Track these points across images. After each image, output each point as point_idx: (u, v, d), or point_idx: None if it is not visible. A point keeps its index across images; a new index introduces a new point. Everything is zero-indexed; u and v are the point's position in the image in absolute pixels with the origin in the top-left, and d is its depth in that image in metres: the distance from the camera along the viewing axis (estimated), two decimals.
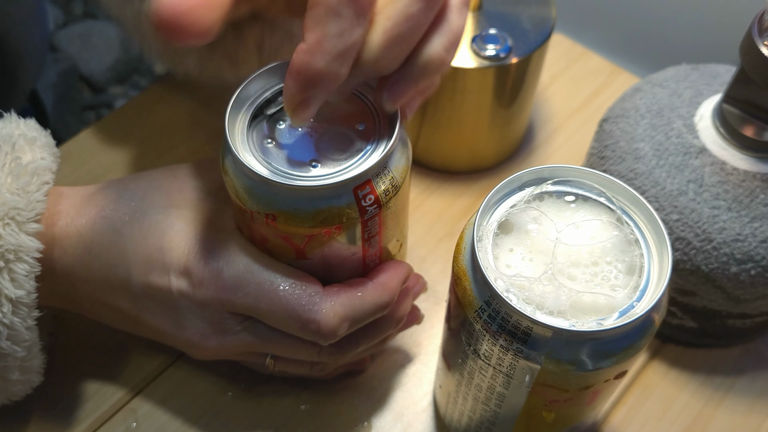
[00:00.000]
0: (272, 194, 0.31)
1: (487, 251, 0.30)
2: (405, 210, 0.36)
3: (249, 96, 0.33)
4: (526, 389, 0.31)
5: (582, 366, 0.28)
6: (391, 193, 0.32)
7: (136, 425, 0.42)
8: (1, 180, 0.34)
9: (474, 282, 0.30)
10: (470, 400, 0.35)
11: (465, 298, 0.30)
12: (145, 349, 0.45)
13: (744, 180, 0.40)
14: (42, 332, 0.36)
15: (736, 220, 0.39)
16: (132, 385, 0.43)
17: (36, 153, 0.35)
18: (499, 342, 0.29)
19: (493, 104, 0.48)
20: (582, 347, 0.28)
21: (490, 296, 0.29)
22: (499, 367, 0.30)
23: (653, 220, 0.30)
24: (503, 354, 0.29)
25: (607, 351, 0.28)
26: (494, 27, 0.46)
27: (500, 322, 0.29)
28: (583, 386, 0.30)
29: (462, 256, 0.31)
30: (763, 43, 0.36)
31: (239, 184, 0.32)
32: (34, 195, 0.34)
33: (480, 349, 0.30)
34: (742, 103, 0.39)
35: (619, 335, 0.28)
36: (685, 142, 0.41)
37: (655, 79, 0.47)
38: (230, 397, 0.43)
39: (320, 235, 0.32)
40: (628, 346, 0.29)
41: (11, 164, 0.34)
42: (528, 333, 0.28)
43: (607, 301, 0.29)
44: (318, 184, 0.30)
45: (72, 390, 0.43)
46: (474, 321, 0.30)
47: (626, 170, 0.42)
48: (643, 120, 0.43)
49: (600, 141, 0.45)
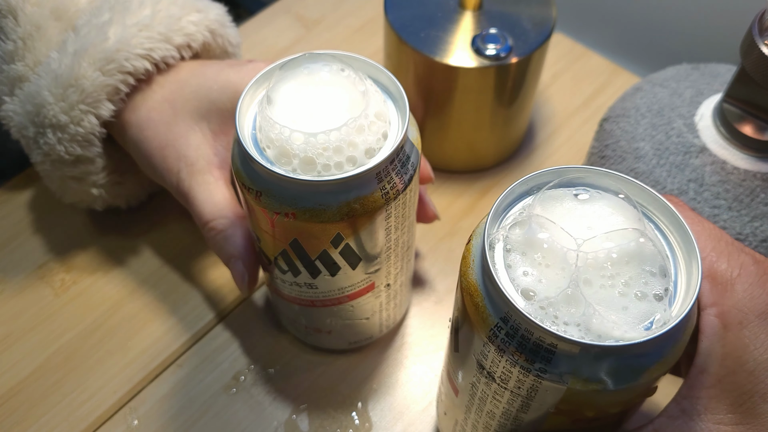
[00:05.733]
0: (295, 192, 0.31)
1: (500, 262, 0.27)
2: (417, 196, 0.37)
3: (255, 98, 0.34)
4: (548, 412, 0.28)
5: (612, 383, 0.25)
6: (412, 174, 0.32)
7: (137, 423, 0.42)
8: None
9: (487, 297, 0.27)
10: (481, 428, 0.32)
11: (477, 316, 0.27)
12: (145, 348, 0.45)
13: (744, 179, 0.39)
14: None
15: (737, 219, 0.39)
16: (132, 385, 0.43)
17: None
18: (518, 363, 0.26)
19: (494, 104, 0.48)
20: (612, 363, 0.25)
21: (508, 312, 0.26)
22: (517, 390, 0.27)
23: (676, 221, 0.28)
24: (524, 376, 0.26)
25: (638, 366, 0.25)
26: (495, 26, 0.46)
27: (520, 340, 0.25)
28: (611, 405, 0.27)
29: (471, 269, 0.28)
30: (763, 43, 0.36)
31: (258, 185, 0.31)
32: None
33: (495, 372, 0.27)
34: (742, 103, 0.39)
35: (651, 348, 0.25)
36: (686, 141, 0.41)
37: (655, 78, 0.47)
38: (230, 396, 0.43)
39: (345, 228, 0.32)
40: (660, 359, 0.26)
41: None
42: (552, 351, 0.25)
43: (634, 310, 0.26)
44: (347, 175, 0.30)
45: (72, 389, 0.43)
46: (489, 341, 0.26)
47: (627, 170, 0.42)
48: (643, 119, 0.43)
49: (600, 140, 0.45)
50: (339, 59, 0.33)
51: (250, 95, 0.33)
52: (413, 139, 0.33)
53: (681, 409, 0.28)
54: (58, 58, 0.40)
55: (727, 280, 0.28)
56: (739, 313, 0.27)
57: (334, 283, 0.36)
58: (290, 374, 0.44)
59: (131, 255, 0.49)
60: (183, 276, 0.48)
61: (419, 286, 0.48)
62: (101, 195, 0.46)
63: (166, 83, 0.42)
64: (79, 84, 0.40)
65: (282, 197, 0.31)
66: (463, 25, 0.47)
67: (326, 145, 0.30)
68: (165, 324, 0.46)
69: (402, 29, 0.47)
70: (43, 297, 0.47)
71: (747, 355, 0.26)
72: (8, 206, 0.51)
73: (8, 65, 0.42)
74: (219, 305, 0.47)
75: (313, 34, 0.63)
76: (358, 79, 0.33)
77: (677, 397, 0.28)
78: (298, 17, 0.64)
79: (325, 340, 0.43)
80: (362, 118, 0.31)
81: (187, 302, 0.47)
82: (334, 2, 0.66)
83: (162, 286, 0.47)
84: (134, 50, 0.40)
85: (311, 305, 0.39)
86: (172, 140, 0.40)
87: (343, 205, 0.31)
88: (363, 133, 0.31)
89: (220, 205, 0.39)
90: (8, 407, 0.42)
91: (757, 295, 0.27)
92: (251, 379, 0.44)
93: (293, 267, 0.35)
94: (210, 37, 0.44)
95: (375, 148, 0.31)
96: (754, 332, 0.27)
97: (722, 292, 0.28)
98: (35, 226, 0.50)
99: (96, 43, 0.40)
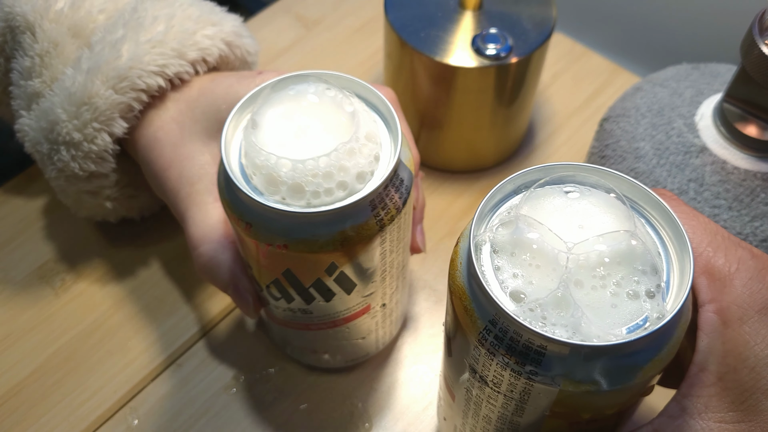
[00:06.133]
0: (286, 223, 0.30)
1: (487, 263, 0.27)
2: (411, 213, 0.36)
3: (241, 122, 0.33)
4: (543, 415, 0.27)
5: (606, 384, 0.25)
6: (405, 197, 0.31)
7: (137, 423, 0.42)
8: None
9: (474, 300, 0.26)
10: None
11: (466, 319, 0.27)
12: (145, 348, 0.45)
13: (744, 179, 0.39)
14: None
15: (737, 219, 0.39)
16: (132, 384, 0.43)
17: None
18: (509, 366, 0.25)
19: (494, 104, 0.48)
20: (604, 363, 0.25)
21: (496, 314, 0.25)
22: (510, 393, 0.27)
23: (668, 217, 0.27)
24: (515, 379, 0.26)
25: (631, 365, 0.25)
26: (495, 26, 0.46)
27: (509, 343, 0.25)
28: (607, 406, 0.27)
29: (458, 272, 0.27)
30: (763, 42, 0.36)
31: (246, 217, 0.30)
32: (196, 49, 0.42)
33: (487, 376, 0.27)
34: (742, 103, 0.39)
35: (644, 346, 0.25)
36: (686, 141, 0.41)
37: (655, 78, 0.47)
38: (230, 396, 0.43)
39: (340, 257, 0.31)
40: (655, 357, 0.25)
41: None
42: (542, 353, 0.25)
43: (625, 309, 0.25)
44: (341, 205, 0.29)
45: (73, 389, 0.43)
46: (479, 344, 0.26)
47: (627, 169, 0.42)
48: (643, 119, 0.43)
49: (601, 140, 0.45)
50: (324, 79, 0.32)
51: (236, 120, 0.32)
52: (406, 161, 0.32)
53: (681, 408, 0.27)
54: (72, 76, 0.40)
55: (725, 275, 0.27)
56: (739, 308, 0.27)
57: (330, 308, 0.35)
58: (290, 374, 0.44)
59: (131, 255, 0.49)
60: (183, 276, 0.48)
61: (419, 287, 0.48)
62: (115, 208, 0.46)
63: (177, 101, 0.41)
64: (92, 102, 0.40)
65: (273, 229, 0.30)
66: (464, 24, 0.47)
67: (315, 171, 0.29)
68: (165, 324, 0.46)
69: (402, 29, 0.47)
70: (43, 297, 0.47)
71: (748, 352, 0.26)
72: (8, 206, 0.51)
73: (25, 81, 0.42)
74: (219, 305, 0.46)
75: (313, 34, 0.63)
76: (345, 99, 0.32)
77: (677, 396, 0.28)
78: (298, 17, 0.64)
79: (321, 360, 0.42)
80: (353, 141, 0.30)
81: (187, 302, 0.47)
82: (334, 2, 0.65)
83: (162, 286, 0.47)
84: (147, 67, 0.40)
85: (306, 329, 0.38)
86: (177, 161, 0.39)
87: (336, 234, 0.30)
88: (354, 156, 0.30)
89: (213, 227, 0.38)
90: (8, 407, 0.42)
91: (757, 290, 0.27)
92: (251, 379, 0.44)
93: (286, 295, 0.35)
94: (227, 49, 0.44)
95: (367, 172, 0.30)
96: (754, 328, 0.26)
97: (720, 287, 0.27)
98: (35, 226, 0.50)
99: (109, 60, 0.40)
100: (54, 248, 0.49)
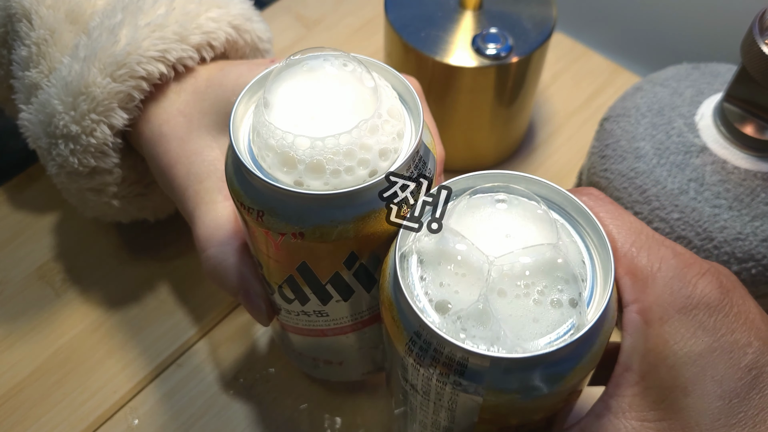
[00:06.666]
0: (302, 208, 0.27)
1: (412, 274, 0.26)
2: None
3: (251, 104, 0.31)
4: (473, 421, 0.27)
5: (529, 393, 0.25)
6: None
7: (138, 422, 0.42)
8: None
9: (400, 311, 0.26)
10: None
11: (394, 329, 0.26)
12: (145, 348, 0.45)
13: (745, 179, 0.39)
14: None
15: (737, 219, 0.39)
16: (132, 384, 0.43)
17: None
18: (434, 376, 0.26)
19: (494, 103, 0.48)
20: (526, 374, 0.25)
21: (419, 326, 0.25)
22: (439, 401, 0.27)
23: (591, 223, 0.27)
24: (441, 388, 0.26)
25: (554, 374, 0.25)
26: (495, 26, 0.46)
27: (433, 354, 0.25)
28: (534, 412, 0.27)
29: (387, 282, 0.27)
30: (764, 42, 0.36)
31: (258, 205, 0.28)
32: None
33: (417, 384, 0.27)
34: (743, 102, 0.39)
35: (566, 355, 0.25)
36: (686, 141, 0.41)
37: (656, 78, 0.47)
38: (230, 396, 0.43)
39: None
40: (577, 365, 0.25)
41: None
42: (464, 364, 0.25)
43: (548, 318, 0.25)
44: (363, 186, 0.26)
45: (73, 389, 0.43)
46: (406, 354, 0.26)
47: (627, 169, 0.42)
48: (644, 119, 0.43)
49: (601, 140, 0.45)
50: (341, 56, 0.30)
51: (245, 102, 0.30)
52: (428, 144, 0.30)
53: (606, 407, 0.27)
54: (69, 64, 0.38)
55: (647, 275, 0.27)
56: (660, 308, 0.27)
57: (347, 308, 0.33)
58: (290, 374, 0.44)
59: (132, 255, 0.49)
60: (183, 276, 0.48)
61: None
62: (125, 208, 0.43)
63: (183, 92, 0.39)
64: (89, 92, 0.37)
65: (287, 215, 0.27)
66: (464, 24, 0.47)
67: (336, 149, 0.27)
68: (165, 324, 0.46)
69: (402, 29, 0.47)
70: (44, 297, 0.47)
71: (668, 351, 0.26)
72: (8, 206, 0.51)
73: (23, 72, 0.40)
74: (219, 305, 0.46)
75: (314, 33, 0.63)
76: (365, 74, 0.29)
77: (603, 396, 0.28)
78: (298, 17, 0.64)
79: (335, 372, 0.40)
80: (375, 117, 0.28)
81: (187, 302, 0.47)
82: (334, 2, 0.65)
83: (162, 285, 0.47)
84: (146, 53, 0.37)
85: (321, 335, 0.35)
86: (184, 157, 0.37)
87: (357, 219, 0.27)
88: (377, 133, 0.28)
89: (223, 228, 0.35)
90: (8, 407, 0.42)
91: (677, 289, 0.27)
92: (251, 378, 0.44)
93: (300, 294, 0.32)
94: (234, 33, 0.41)
95: (390, 149, 0.28)
96: (674, 327, 0.26)
97: (643, 287, 0.27)
98: (35, 226, 0.50)
99: (106, 46, 0.37)
100: (54, 248, 0.49)
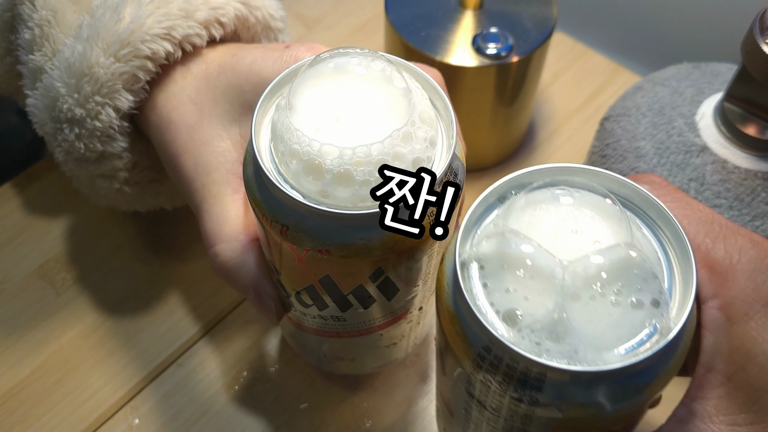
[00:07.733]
0: (332, 226, 0.26)
1: (475, 284, 0.24)
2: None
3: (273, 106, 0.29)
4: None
5: (612, 405, 0.23)
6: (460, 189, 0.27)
7: (138, 422, 0.42)
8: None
9: (465, 325, 0.24)
10: None
11: (458, 344, 0.25)
12: (145, 348, 0.45)
13: (745, 178, 0.39)
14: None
15: (738, 218, 0.39)
16: (132, 384, 0.43)
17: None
18: (508, 393, 0.24)
19: (494, 103, 0.48)
20: (608, 386, 0.23)
21: (489, 341, 0.23)
22: (511, 418, 0.25)
23: (661, 213, 0.26)
24: (515, 406, 0.24)
25: (637, 384, 0.23)
26: (495, 26, 0.46)
27: (505, 370, 0.23)
28: (614, 423, 0.25)
29: (446, 293, 0.25)
30: (764, 42, 0.36)
31: (282, 219, 0.26)
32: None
33: (486, 401, 0.25)
34: (743, 102, 0.39)
35: (650, 364, 0.23)
36: (687, 140, 0.41)
37: (656, 77, 0.47)
38: (231, 396, 0.43)
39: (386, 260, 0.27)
40: (662, 373, 0.24)
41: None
42: (541, 380, 0.23)
43: (629, 321, 0.23)
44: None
45: (73, 388, 0.43)
46: (474, 371, 0.24)
47: (627, 169, 0.42)
48: (644, 118, 0.43)
49: (601, 140, 0.45)
50: (369, 55, 0.28)
51: (265, 105, 0.28)
52: (458, 152, 0.28)
53: (690, 411, 0.26)
54: (72, 45, 0.36)
55: (726, 267, 0.26)
56: (744, 303, 0.25)
57: (366, 315, 0.32)
58: (290, 374, 0.44)
59: (132, 254, 0.49)
60: (183, 275, 0.48)
61: None
62: (138, 194, 0.42)
63: (192, 77, 0.37)
64: (92, 73, 0.36)
65: (315, 232, 0.26)
66: (464, 24, 0.47)
67: (368, 159, 0.25)
68: (165, 324, 0.46)
69: (402, 28, 0.47)
70: (44, 296, 0.47)
71: (756, 349, 0.25)
72: (8, 206, 0.51)
73: (27, 56, 0.39)
74: (219, 304, 0.46)
75: (314, 33, 0.63)
76: (395, 73, 0.27)
77: (685, 399, 0.26)
78: (298, 16, 0.64)
79: (345, 367, 0.40)
80: (408, 125, 0.26)
81: (187, 301, 0.47)
82: (334, 1, 0.65)
83: (162, 285, 0.47)
84: (151, 30, 0.35)
85: (336, 336, 0.34)
86: (192, 147, 0.35)
87: (388, 237, 0.26)
88: (410, 141, 0.26)
89: (232, 223, 0.33)
90: (8, 407, 0.42)
91: (761, 282, 0.25)
92: (251, 378, 0.44)
93: (320, 302, 0.31)
94: (244, 10, 0.39)
95: (423, 158, 0.26)
96: (761, 323, 0.25)
97: (722, 281, 0.26)
98: (35, 225, 0.50)
99: (109, 25, 0.36)
100: (54, 247, 0.49)
